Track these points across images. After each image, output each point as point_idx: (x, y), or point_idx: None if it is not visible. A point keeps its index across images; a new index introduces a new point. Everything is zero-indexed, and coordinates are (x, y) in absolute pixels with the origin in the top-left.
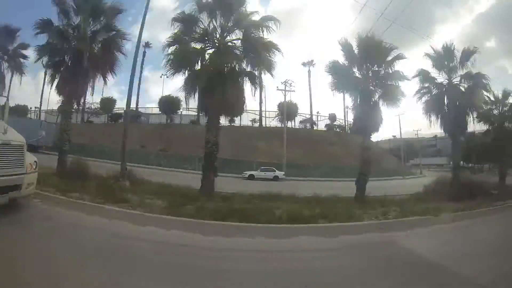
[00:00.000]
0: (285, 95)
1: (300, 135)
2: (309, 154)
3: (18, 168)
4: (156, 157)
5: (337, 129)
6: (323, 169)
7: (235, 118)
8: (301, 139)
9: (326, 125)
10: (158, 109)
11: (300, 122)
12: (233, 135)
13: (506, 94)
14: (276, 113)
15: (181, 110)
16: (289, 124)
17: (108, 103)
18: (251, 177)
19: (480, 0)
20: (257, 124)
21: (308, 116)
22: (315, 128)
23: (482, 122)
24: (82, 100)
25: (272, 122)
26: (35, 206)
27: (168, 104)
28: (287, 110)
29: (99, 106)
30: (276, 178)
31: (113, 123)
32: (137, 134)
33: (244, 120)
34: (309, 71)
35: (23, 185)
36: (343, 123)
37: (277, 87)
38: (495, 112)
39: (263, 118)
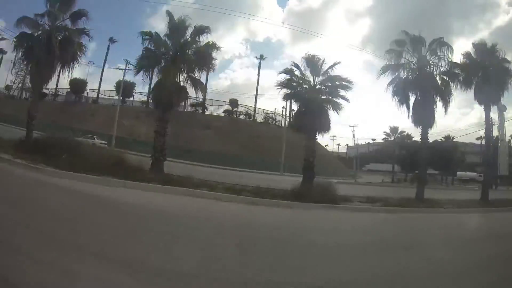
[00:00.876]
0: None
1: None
2: (175, 135)
3: None
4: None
5: (242, 116)
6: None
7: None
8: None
9: (225, 111)
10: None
11: (191, 105)
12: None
13: None
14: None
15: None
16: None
17: None
18: None
19: (498, 14)
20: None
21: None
22: (207, 112)
23: None
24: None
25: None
26: None
27: (76, 85)
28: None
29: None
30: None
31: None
32: (46, 109)
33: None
34: None
35: None
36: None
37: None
38: None
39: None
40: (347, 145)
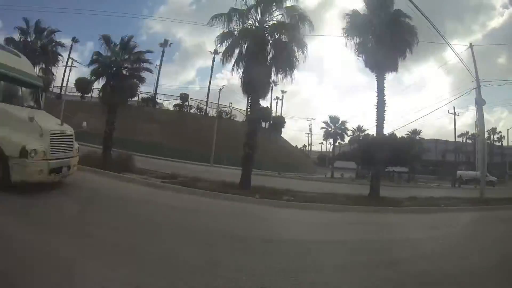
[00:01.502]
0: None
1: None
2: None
3: (69, 152)
4: None
5: (193, 110)
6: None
7: None
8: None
9: (176, 105)
10: None
11: (142, 100)
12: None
13: None
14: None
15: None
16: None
17: None
18: None
19: (493, 17)
20: None
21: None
22: (158, 107)
23: None
24: None
25: None
26: None
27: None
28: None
29: None
30: None
31: None
32: None
33: None
34: (163, 51)
35: (71, 165)
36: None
37: None
38: None
39: None
40: (330, 143)
